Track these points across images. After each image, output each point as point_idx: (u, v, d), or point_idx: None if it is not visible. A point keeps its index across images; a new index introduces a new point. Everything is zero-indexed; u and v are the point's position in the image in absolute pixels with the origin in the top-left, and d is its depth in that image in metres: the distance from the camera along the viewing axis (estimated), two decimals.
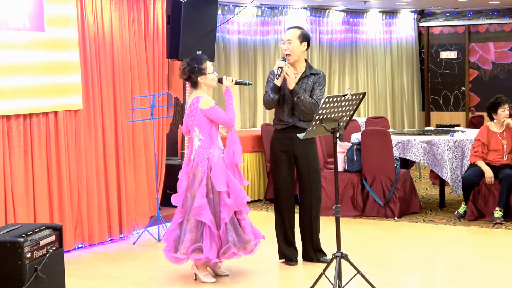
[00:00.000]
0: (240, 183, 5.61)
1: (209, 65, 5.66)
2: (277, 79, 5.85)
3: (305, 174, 6.06)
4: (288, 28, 6.08)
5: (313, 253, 6.12)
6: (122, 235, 7.24)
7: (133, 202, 7.34)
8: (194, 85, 5.67)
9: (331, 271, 4.92)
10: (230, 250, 5.51)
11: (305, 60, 6.04)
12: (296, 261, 6.11)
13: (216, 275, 5.72)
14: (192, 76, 5.61)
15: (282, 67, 5.82)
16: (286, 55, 5.91)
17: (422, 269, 6.01)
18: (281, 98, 5.98)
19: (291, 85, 5.84)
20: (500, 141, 7.75)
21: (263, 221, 7.96)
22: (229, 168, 5.60)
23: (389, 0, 12.04)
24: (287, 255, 6.13)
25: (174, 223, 5.68)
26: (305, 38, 5.95)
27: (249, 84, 5.83)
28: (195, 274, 5.66)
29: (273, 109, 6.11)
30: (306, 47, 5.96)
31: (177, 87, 8.19)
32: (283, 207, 6.11)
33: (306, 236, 6.14)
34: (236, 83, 5.76)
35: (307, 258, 6.17)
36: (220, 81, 5.72)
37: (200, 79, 5.61)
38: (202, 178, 5.51)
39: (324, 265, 5.08)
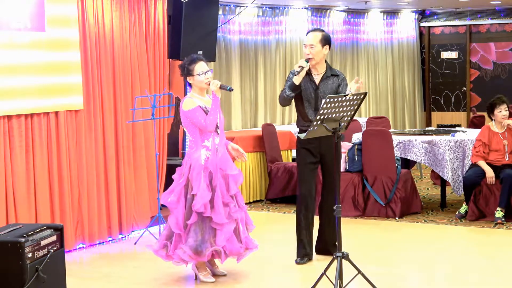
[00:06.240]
0: (227, 193, 5.50)
1: (198, 66, 5.50)
2: (295, 75, 5.83)
3: (331, 170, 6.07)
4: (310, 31, 6.09)
5: (332, 247, 6.15)
6: (122, 235, 7.24)
7: (133, 202, 7.34)
8: (189, 84, 5.66)
9: (332, 271, 4.91)
10: (180, 250, 5.43)
11: (325, 61, 6.10)
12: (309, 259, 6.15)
13: (214, 275, 5.70)
14: (183, 75, 5.62)
15: (303, 67, 5.84)
16: (309, 58, 5.93)
17: (423, 269, 6.01)
18: (304, 98, 6.02)
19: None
20: (501, 141, 7.74)
21: (264, 221, 7.95)
22: (218, 173, 5.48)
23: (390, 0, 12.04)
24: (306, 253, 6.12)
25: None
26: (326, 41, 6.00)
27: (230, 90, 5.59)
28: (196, 275, 5.66)
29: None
30: (328, 49, 6.03)
31: (178, 87, 8.18)
32: (311, 211, 6.12)
33: (329, 231, 6.17)
34: (221, 87, 5.55)
35: (322, 252, 6.24)
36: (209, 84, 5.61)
37: (189, 79, 5.56)
38: (184, 179, 5.50)
39: (325, 265, 5.08)
